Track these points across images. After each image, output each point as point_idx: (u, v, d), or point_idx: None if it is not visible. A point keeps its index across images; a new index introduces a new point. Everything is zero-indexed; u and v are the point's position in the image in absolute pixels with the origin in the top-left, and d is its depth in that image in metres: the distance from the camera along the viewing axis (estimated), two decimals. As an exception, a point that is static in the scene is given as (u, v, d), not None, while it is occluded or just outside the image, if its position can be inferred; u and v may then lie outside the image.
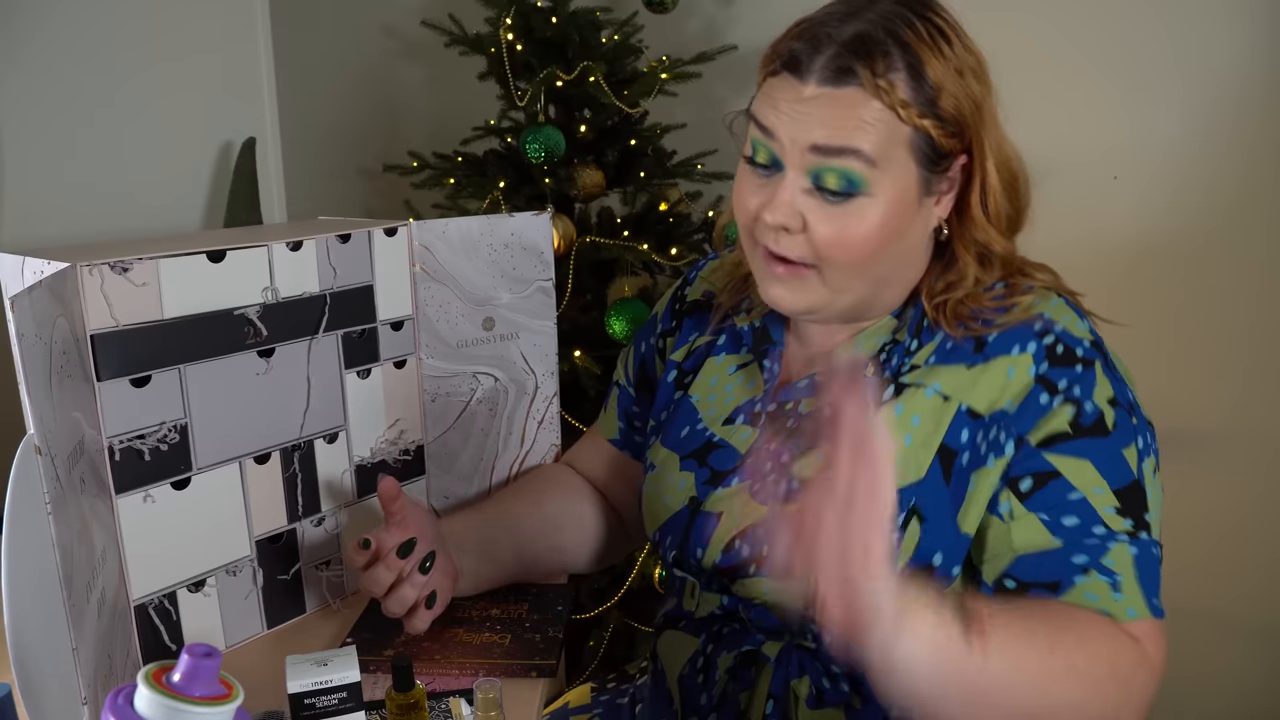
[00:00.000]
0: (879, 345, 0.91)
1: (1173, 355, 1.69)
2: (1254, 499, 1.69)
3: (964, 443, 0.85)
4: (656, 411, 1.06)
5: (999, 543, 0.83)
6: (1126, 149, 1.71)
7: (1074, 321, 0.86)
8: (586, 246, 1.66)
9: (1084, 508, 0.81)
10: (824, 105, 0.81)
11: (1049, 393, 0.83)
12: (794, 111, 0.82)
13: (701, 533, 0.93)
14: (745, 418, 0.96)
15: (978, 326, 0.87)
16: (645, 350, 1.12)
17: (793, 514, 0.65)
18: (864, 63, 0.80)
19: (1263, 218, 1.66)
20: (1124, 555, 0.81)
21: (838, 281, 0.86)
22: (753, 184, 0.87)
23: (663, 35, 1.84)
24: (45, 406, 0.75)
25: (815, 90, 0.81)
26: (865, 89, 0.80)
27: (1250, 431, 1.70)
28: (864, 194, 0.82)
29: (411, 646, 0.99)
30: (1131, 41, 1.67)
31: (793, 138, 0.83)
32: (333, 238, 1.04)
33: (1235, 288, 1.70)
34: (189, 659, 0.63)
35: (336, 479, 1.09)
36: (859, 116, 0.81)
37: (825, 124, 0.81)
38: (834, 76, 0.81)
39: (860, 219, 0.83)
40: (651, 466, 1.02)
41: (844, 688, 0.89)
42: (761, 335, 0.98)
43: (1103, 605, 0.80)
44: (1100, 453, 0.82)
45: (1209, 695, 1.82)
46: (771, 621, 0.91)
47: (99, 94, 1.58)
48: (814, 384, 0.93)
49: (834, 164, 0.81)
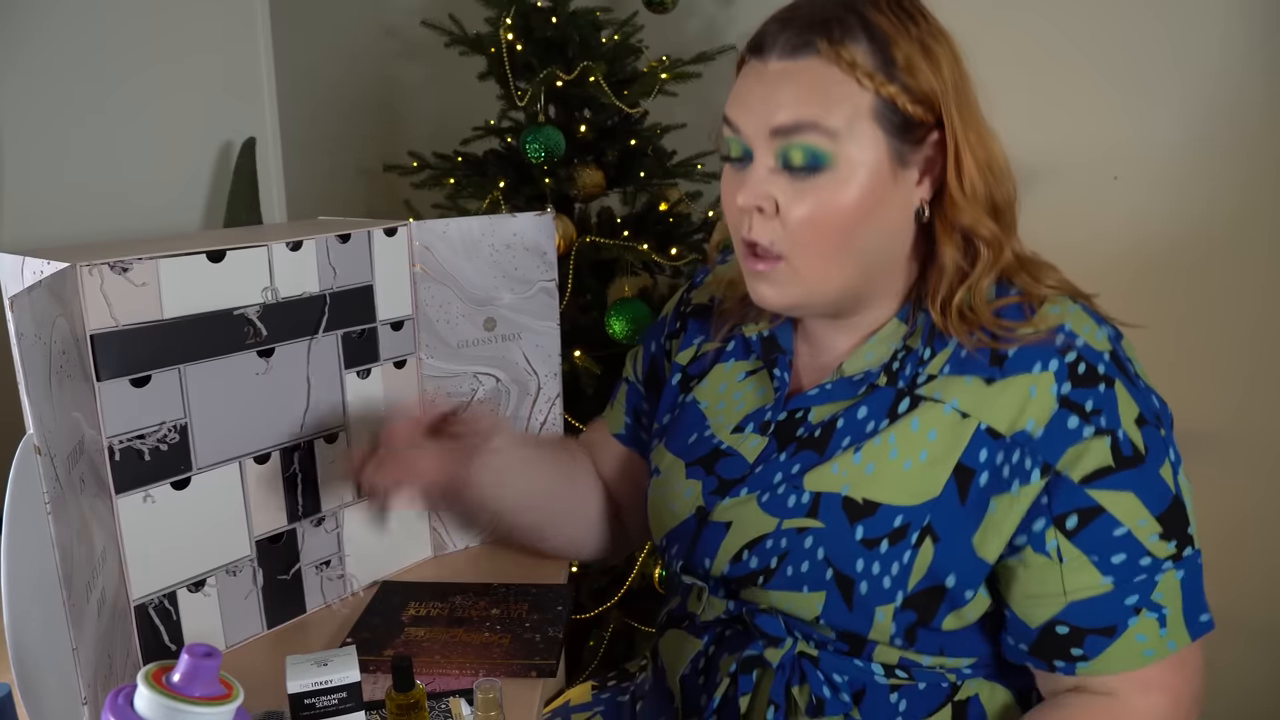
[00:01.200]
0: (891, 351, 0.89)
1: (1174, 358, 1.68)
2: (1255, 502, 1.69)
3: (982, 462, 0.83)
4: (660, 414, 1.05)
5: (1048, 583, 0.83)
6: (1127, 150, 1.71)
7: (1094, 331, 0.84)
8: (586, 246, 1.66)
9: (1130, 542, 0.81)
10: (785, 81, 0.82)
11: (1078, 416, 0.81)
12: (757, 96, 0.84)
13: (709, 543, 0.93)
14: (755, 426, 0.95)
15: (991, 341, 0.84)
16: (655, 350, 1.11)
17: None
18: (822, 33, 0.81)
19: (1264, 219, 1.66)
20: (1171, 584, 0.82)
21: (811, 269, 0.85)
22: (733, 181, 0.87)
23: (663, 35, 1.84)
24: (45, 406, 0.75)
25: (776, 64, 0.83)
26: (824, 57, 0.81)
27: (1252, 434, 1.70)
28: (830, 168, 0.82)
29: (412, 647, 0.99)
30: (1132, 42, 1.67)
31: (756, 125, 0.83)
32: (333, 238, 1.04)
33: (1237, 290, 1.70)
34: (189, 659, 0.63)
35: (336, 479, 1.09)
36: (819, 88, 0.81)
37: (786, 103, 0.82)
38: (793, 49, 0.82)
39: (831, 194, 0.82)
40: (656, 471, 1.02)
41: (845, 698, 0.88)
42: (770, 344, 0.97)
43: (1150, 645, 0.82)
44: (1140, 482, 0.82)
45: (1209, 695, 1.82)
46: (777, 629, 0.91)
47: (99, 94, 1.58)
48: (824, 393, 0.91)
49: (796, 140, 0.82)
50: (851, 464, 0.87)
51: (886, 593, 0.84)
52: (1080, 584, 0.82)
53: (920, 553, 0.84)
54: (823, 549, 0.86)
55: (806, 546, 0.87)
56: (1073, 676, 0.84)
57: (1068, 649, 0.83)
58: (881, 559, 0.84)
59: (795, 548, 0.87)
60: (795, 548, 0.87)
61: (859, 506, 0.85)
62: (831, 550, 0.86)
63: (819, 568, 0.86)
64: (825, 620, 0.86)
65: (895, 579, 0.84)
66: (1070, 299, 0.87)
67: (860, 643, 0.87)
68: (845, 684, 0.89)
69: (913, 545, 0.84)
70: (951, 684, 0.89)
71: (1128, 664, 0.82)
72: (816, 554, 0.86)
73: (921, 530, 0.84)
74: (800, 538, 0.87)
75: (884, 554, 0.84)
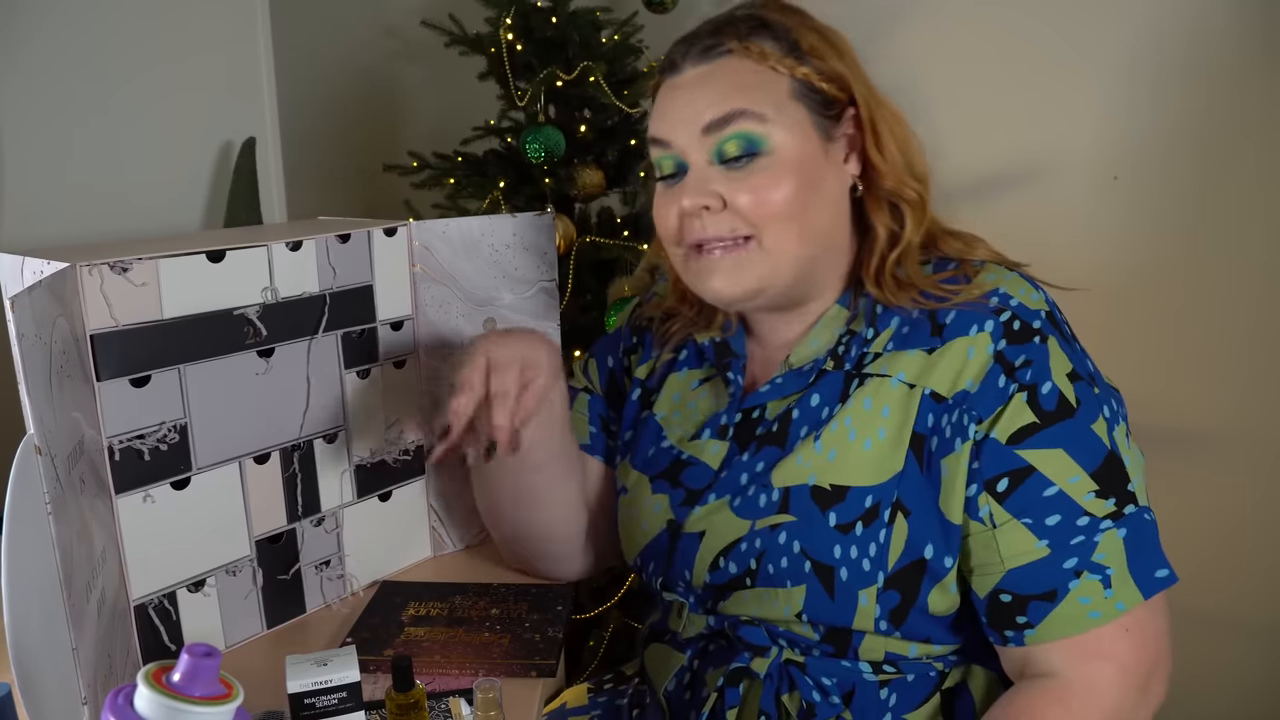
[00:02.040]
0: (836, 337, 0.91)
1: (1173, 357, 1.69)
2: (1255, 501, 1.69)
3: (930, 427, 0.85)
4: (623, 430, 1.06)
5: (986, 552, 0.83)
6: (1126, 149, 1.71)
7: (1029, 293, 0.86)
8: (586, 246, 1.66)
9: (1064, 502, 0.81)
10: (706, 82, 0.87)
11: (1005, 374, 0.83)
12: (682, 104, 0.88)
13: (685, 555, 0.93)
14: (713, 431, 0.96)
15: (931, 303, 0.87)
16: (614, 364, 1.11)
17: None
18: (730, 34, 0.88)
19: (1264, 219, 1.66)
20: (1113, 543, 0.80)
21: (781, 242, 0.87)
22: (667, 197, 0.91)
23: (663, 35, 1.83)
24: (45, 406, 0.75)
25: (691, 72, 0.88)
26: (736, 54, 0.87)
27: (1251, 433, 1.70)
28: (766, 153, 0.86)
29: (411, 647, 0.99)
30: (1131, 42, 1.67)
31: (686, 131, 0.87)
32: (332, 238, 1.04)
33: (1236, 289, 1.70)
34: (189, 659, 0.63)
35: (336, 479, 1.09)
36: (739, 82, 0.86)
37: (713, 100, 0.86)
38: (704, 54, 0.88)
39: (772, 175, 0.86)
40: (624, 490, 1.02)
41: (835, 700, 0.88)
42: (723, 349, 0.99)
43: (1095, 607, 0.80)
44: (1070, 436, 0.82)
45: (1209, 695, 1.82)
46: (760, 638, 0.91)
47: (99, 94, 1.58)
48: (775, 388, 0.93)
49: (729, 131, 0.86)
50: (814, 453, 0.88)
51: (867, 575, 0.84)
52: (1016, 550, 0.81)
53: (895, 529, 0.84)
54: (798, 542, 0.86)
55: (781, 542, 0.87)
56: (1022, 648, 0.83)
57: (1013, 618, 0.82)
58: (858, 542, 0.85)
59: (770, 546, 0.87)
60: (770, 546, 0.87)
61: (827, 493, 0.87)
62: (807, 541, 0.86)
63: (797, 561, 0.86)
64: (808, 615, 0.86)
65: (874, 560, 0.84)
66: (1005, 268, 0.90)
67: (845, 639, 0.87)
68: (834, 686, 0.89)
69: (886, 523, 0.84)
70: (940, 672, 0.89)
71: (1073, 628, 0.80)
72: (793, 547, 0.87)
73: (892, 506, 0.85)
74: (774, 535, 0.87)
75: (859, 536, 0.85)
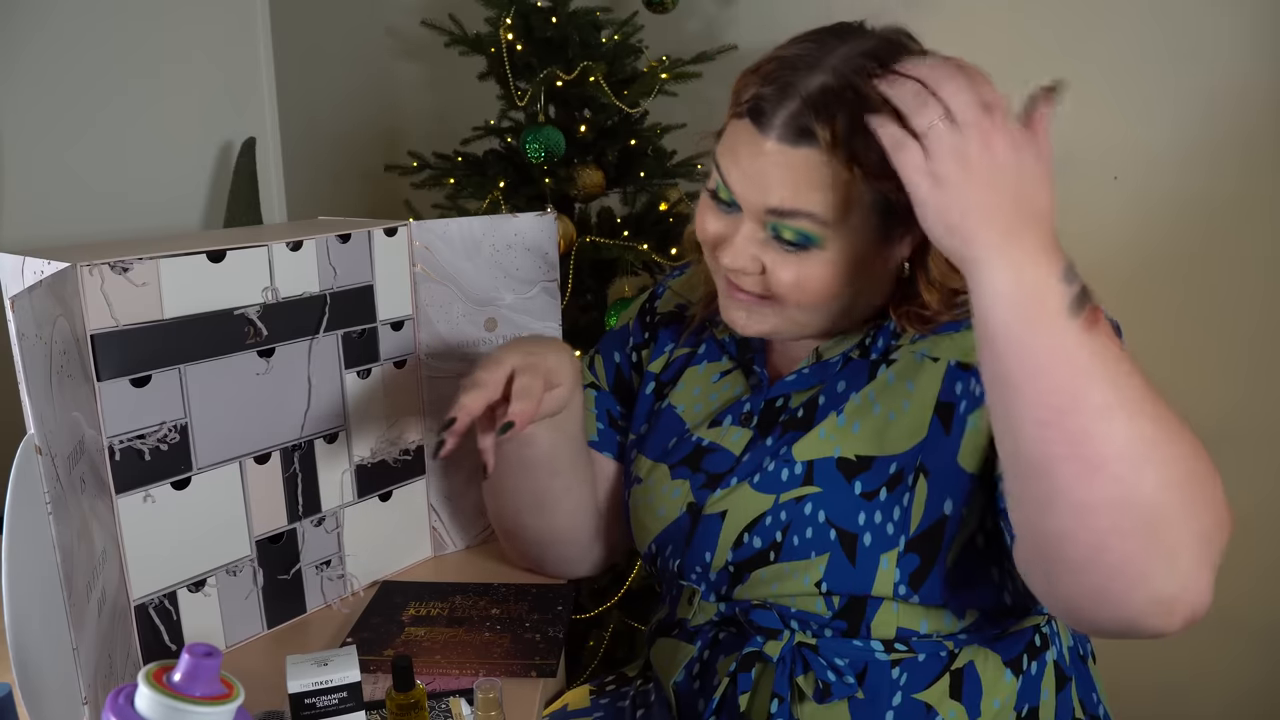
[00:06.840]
0: (864, 332, 0.93)
1: (1173, 356, 1.69)
2: (1256, 501, 1.69)
3: (959, 393, 0.86)
4: (637, 424, 1.06)
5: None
6: (1126, 149, 1.71)
7: None
8: (586, 246, 1.66)
9: None
10: (782, 164, 0.81)
11: None
12: (753, 168, 0.83)
13: (707, 536, 0.93)
14: (735, 418, 0.97)
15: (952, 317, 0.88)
16: (620, 360, 1.11)
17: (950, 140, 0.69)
18: (823, 122, 0.79)
19: (1264, 218, 1.66)
20: None
21: (796, 316, 0.88)
22: (714, 211, 0.89)
23: (663, 35, 1.84)
24: (45, 406, 0.75)
25: (774, 146, 0.81)
26: (822, 151, 0.80)
27: (1251, 433, 1.70)
28: (820, 248, 0.84)
29: (412, 646, 0.99)
30: (1131, 41, 1.67)
31: (751, 198, 0.84)
32: (333, 238, 1.04)
33: (1236, 288, 1.70)
34: (189, 659, 0.63)
35: (336, 479, 1.09)
36: (816, 179, 0.80)
37: (782, 185, 0.81)
38: (793, 136, 0.80)
39: (818, 266, 0.84)
40: (637, 480, 1.02)
41: (849, 679, 0.89)
42: (744, 344, 1.00)
43: None
44: None
45: (1209, 695, 1.82)
46: (773, 622, 0.91)
47: (99, 94, 1.58)
48: (802, 378, 0.94)
49: (789, 223, 0.83)
50: (837, 427, 0.90)
51: (890, 539, 0.86)
52: None
53: (916, 493, 0.86)
54: (823, 511, 0.88)
55: (807, 513, 0.88)
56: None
57: None
58: (882, 507, 0.86)
59: (796, 517, 0.89)
60: (796, 517, 0.89)
61: (853, 464, 0.88)
62: (832, 511, 0.88)
63: (821, 530, 0.88)
64: (828, 584, 0.87)
65: (898, 524, 0.86)
66: None
67: (859, 613, 0.88)
68: (847, 666, 0.90)
69: (910, 486, 0.86)
70: (950, 652, 0.90)
71: None
72: (818, 517, 0.88)
73: (915, 471, 0.86)
74: (799, 506, 0.89)
75: (884, 501, 0.86)
